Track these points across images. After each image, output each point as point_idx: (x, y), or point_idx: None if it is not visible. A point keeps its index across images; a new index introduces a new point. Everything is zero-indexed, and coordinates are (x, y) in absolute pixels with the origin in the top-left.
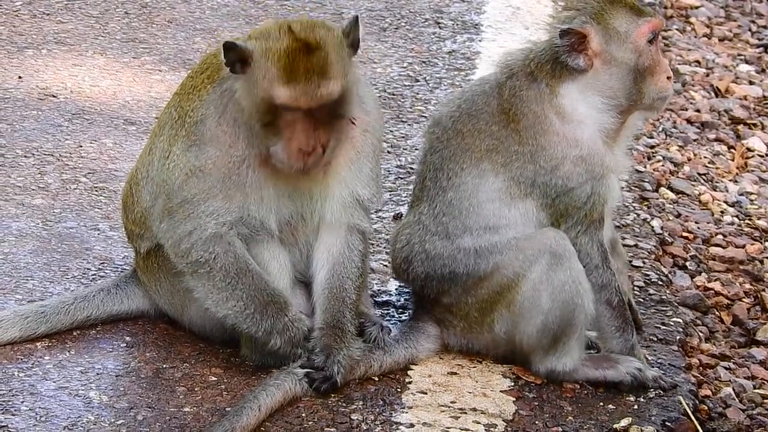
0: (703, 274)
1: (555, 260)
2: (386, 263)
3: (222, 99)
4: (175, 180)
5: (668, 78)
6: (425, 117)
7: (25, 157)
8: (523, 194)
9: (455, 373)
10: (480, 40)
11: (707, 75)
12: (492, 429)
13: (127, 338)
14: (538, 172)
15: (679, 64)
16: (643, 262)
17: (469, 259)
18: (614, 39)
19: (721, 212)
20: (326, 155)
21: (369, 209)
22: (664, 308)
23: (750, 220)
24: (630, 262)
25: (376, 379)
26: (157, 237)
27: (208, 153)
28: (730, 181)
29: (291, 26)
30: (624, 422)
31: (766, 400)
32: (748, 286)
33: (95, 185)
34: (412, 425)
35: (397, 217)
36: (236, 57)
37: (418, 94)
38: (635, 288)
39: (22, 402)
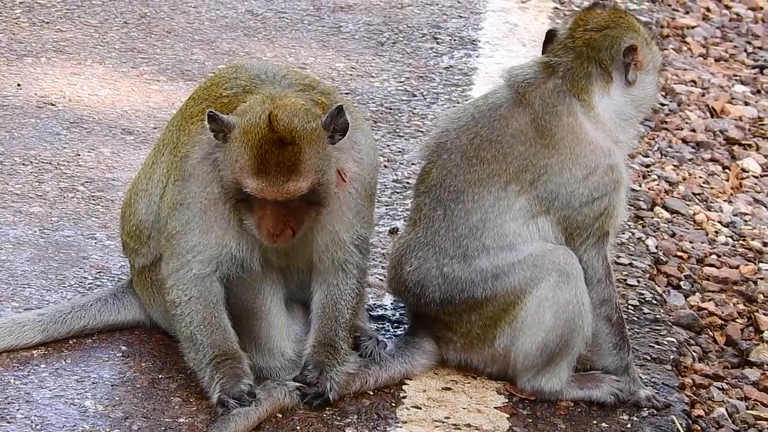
0: (697, 294)
1: (563, 278)
2: (382, 277)
3: (209, 141)
4: (164, 215)
5: None
6: (422, 132)
7: (23, 164)
8: (543, 210)
9: (450, 389)
10: (477, 56)
11: (703, 95)
12: None
13: (123, 348)
14: (567, 182)
15: (675, 83)
16: (638, 281)
17: (486, 282)
18: (648, 45)
19: (716, 232)
20: (298, 234)
21: (360, 246)
22: (658, 327)
23: (744, 240)
24: (624, 280)
25: (371, 393)
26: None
27: (189, 188)
28: (724, 201)
29: (272, 114)
30: None
31: (759, 421)
32: (741, 306)
33: (93, 194)
34: None
35: (393, 231)
36: (218, 127)
37: (415, 108)
38: (629, 307)
39: (18, 410)
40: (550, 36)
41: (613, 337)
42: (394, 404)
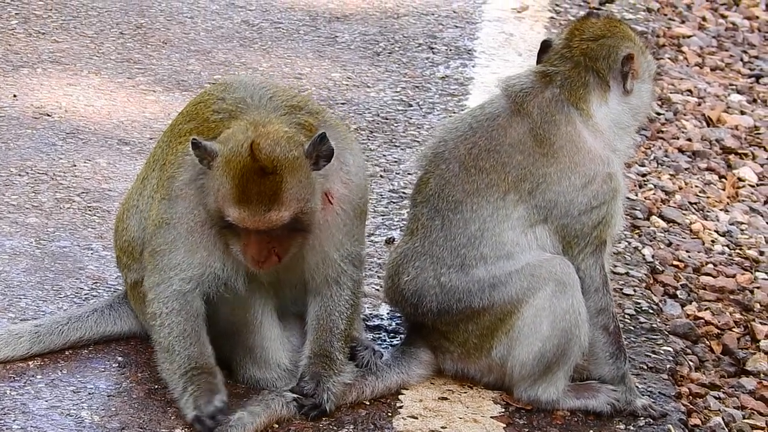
0: (694, 303)
1: (559, 288)
2: (378, 287)
3: (195, 164)
4: (149, 231)
5: None
6: (418, 142)
7: (19, 175)
8: (542, 219)
9: (446, 399)
10: (473, 66)
11: (699, 104)
12: None
13: (120, 358)
14: (566, 191)
15: (671, 93)
16: (634, 290)
17: (483, 291)
18: (643, 54)
19: (712, 241)
20: (284, 260)
21: (352, 260)
22: (655, 337)
23: (740, 249)
24: (621, 289)
25: (368, 403)
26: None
27: (175, 208)
28: (721, 210)
29: (254, 142)
30: None
31: (755, 430)
32: (738, 315)
33: (89, 205)
34: None
35: (390, 241)
36: (202, 154)
37: (411, 118)
38: (626, 316)
39: (14, 421)
40: (545, 46)
41: (609, 347)
42: (390, 414)
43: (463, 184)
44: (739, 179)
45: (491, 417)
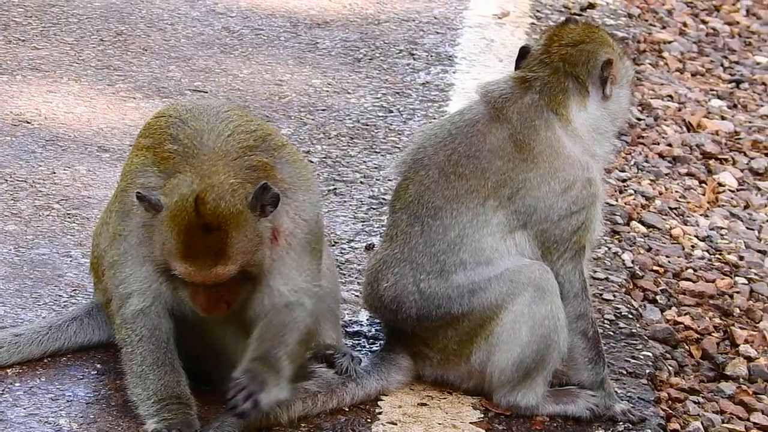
0: (674, 308)
1: (538, 294)
2: (357, 294)
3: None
4: (106, 245)
5: None
6: (398, 148)
7: None
8: (521, 225)
9: (425, 404)
10: (454, 72)
11: (679, 109)
12: None
13: (98, 366)
14: (545, 196)
15: (651, 98)
16: (614, 296)
17: (462, 297)
18: (621, 59)
19: (692, 246)
20: (234, 306)
21: (305, 291)
22: (634, 342)
23: (720, 254)
24: (600, 295)
25: (347, 409)
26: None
27: (128, 222)
28: (701, 215)
29: (198, 197)
30: None
31: None
32: (717, 320)
33: (68, 212)
34: None
35: (370, 247)
36: (147, 207)
37: (391, 125)
38: (605, 321)
39: None
40: (524, 52)
41: (588, 352)
42: (369, 420)
43: (442, 191)
44: (720, 184)
45: (470, 423)
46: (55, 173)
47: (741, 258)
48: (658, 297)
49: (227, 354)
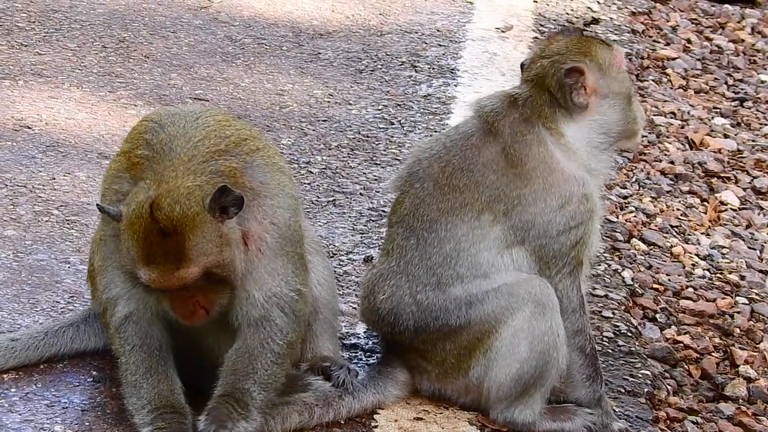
0: (673, 326)
1: (538, 309)
2: (355, 306)
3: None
4: (93, 252)
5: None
6: (399, 160)
7: None
8: (518, 240)
9: (421, 419)
10: (456, 85)
11: (682, 127)
12: None
13: (94, 373)
14: (542, 212)
15: (654, 115)
16: (613, 313)
17: (460, 309)
18: (605, 71)
19: (693, 265)
20: (212, 313)
21: (280, 305)
22: (633, 360)
23: (721, 273)
24: (600, 312)
25: (343, 422)
26: None
27: (106, 227)
28: (702, 234)
29: (154, 202)
30: None
31: None
32: (717, 340)
33: (67, 218)
34: None
35: (368, 259)
36: (107, 215)
37: (392, 137)
38: (604, 338)
39: None
40: (522, 68)
41: (586, 369)
42: None
43: (437, 203)
44: (722, 203)
45: None
46: (55, 179)
47: (742, 278)
48: (657, 315)
49: (220, 362)
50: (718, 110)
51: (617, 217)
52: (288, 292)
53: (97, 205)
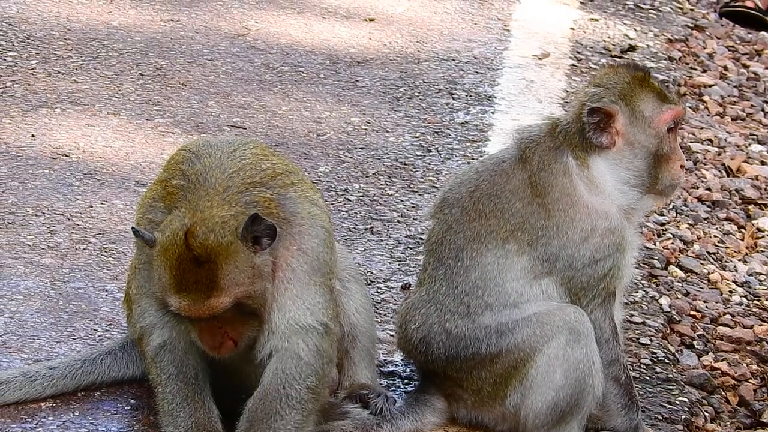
0: (711, 353)
1: (573, 337)
2: (392, 333)
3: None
4: (129, 280)
5: (682, 167)
6: (436, 187)
7: (36, 215)
8: (546, 271)
9: None
10: (493, 112)
11: (719, 154)
12: None
13: (132, 401)
14: (565, 245)
15: (691, 142)
16: (651, 340)
17: (491, 338)
18: (638, 122)
19: (730, 292)
20: (241, 344)
21: (304, 338)
22: (670, 387)
23: (758, 300)
24: (637, 339)
25: None
26: None
27: (141, 255)
28: (739, 261)
29: (189, 231)
30: None
31: None
32: (755, 367)
33: (104, 246)
34: None
35: (406, 287)
36: (142, 240)
37: (429, 164)
38: (642, 365)
39: None
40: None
41: (621, 398)
42: None
43: (464, 231)
44: (759, 230)
45: None
46: (92, 207)
47: None
48: (695, 342)
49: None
50: (755, 137)
51: (654, 244)
52: (312, 322)
53: (132, 228)
